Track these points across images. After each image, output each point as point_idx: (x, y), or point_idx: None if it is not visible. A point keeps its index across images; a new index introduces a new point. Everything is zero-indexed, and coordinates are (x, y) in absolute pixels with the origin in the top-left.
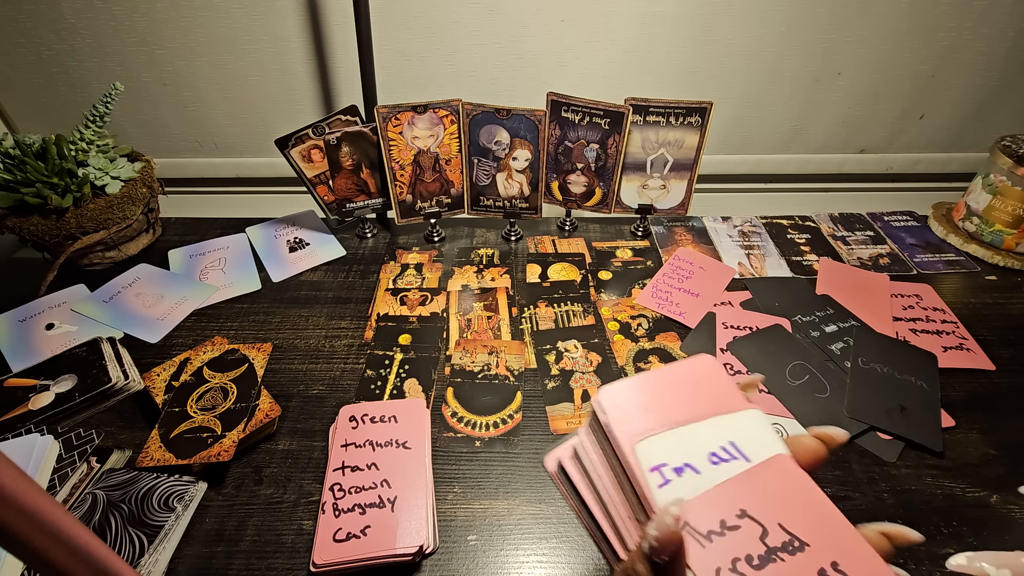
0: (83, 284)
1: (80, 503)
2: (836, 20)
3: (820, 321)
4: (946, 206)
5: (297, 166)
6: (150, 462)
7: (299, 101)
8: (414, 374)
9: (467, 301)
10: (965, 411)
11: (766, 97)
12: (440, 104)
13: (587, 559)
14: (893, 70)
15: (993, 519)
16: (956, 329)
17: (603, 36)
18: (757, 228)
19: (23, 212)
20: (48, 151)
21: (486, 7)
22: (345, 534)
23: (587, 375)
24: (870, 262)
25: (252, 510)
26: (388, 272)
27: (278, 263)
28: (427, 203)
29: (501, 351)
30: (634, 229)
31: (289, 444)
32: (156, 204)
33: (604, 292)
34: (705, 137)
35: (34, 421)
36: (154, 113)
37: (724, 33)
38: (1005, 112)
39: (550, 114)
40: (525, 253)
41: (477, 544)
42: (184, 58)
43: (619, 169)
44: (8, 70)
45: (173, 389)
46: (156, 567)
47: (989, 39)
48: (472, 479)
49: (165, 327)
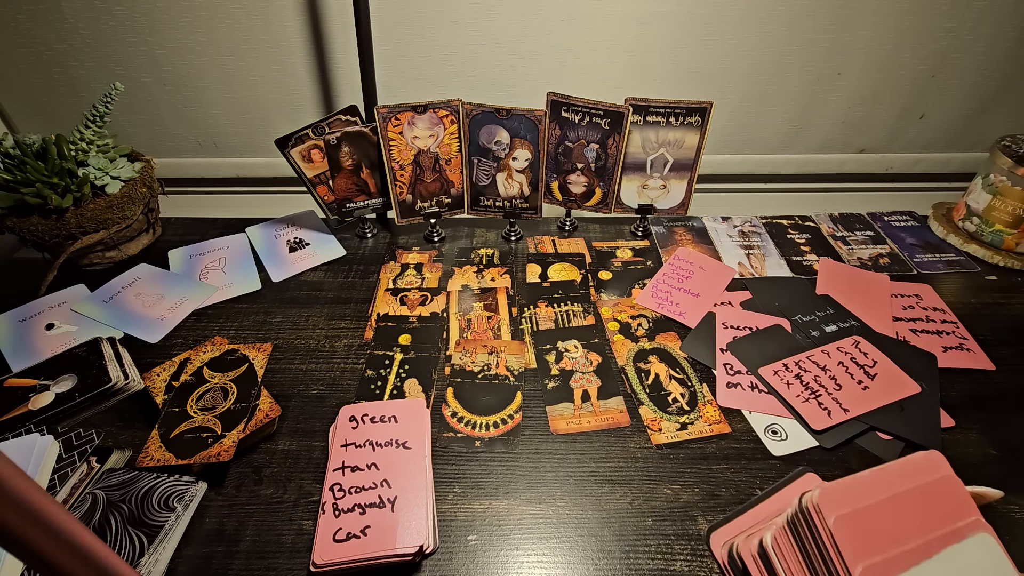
0: (83, 284)
1: (80, 503)
2: (836, 20)
3: (820, 321)
4: (946, 206)
5: (297, 166)
6: (150, 462)
7: (299, 101)
8: (414, 374)
9: (467, 301)
10: (965, 411)
11: (766, 97)
12: (440, 104)
13: (587, 559)
14: (893, 70)
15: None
16: (956, 329)
17: (603, 36)
18: (757, 228)
19: (23, 212)
20: (48, 151)
21: (486, 7)
22: (345, 534)
23: (587, 375)
24: (870, 262)
25: (252, 510)
26: (388, 272)
27: (278, 263)
28: (427, 203)
29: (501, 351)
30: (634, 229)
31: (289, 444)
32: (156, 204)
33: (604, 292)
34: (705, 137)
35: (34, 421)
36: (154, 113)
37: (724, 33)
38: (1005, 112)
39: (550, 114)
40: (525, 253)
41: (477, 544)
42: (184, 58)
43: (619, 169)
44: (8, 70)
45: (173, 389)
46: (156, 567)
47: (989, 39)
48: (472, 479)
49: (165, 327)
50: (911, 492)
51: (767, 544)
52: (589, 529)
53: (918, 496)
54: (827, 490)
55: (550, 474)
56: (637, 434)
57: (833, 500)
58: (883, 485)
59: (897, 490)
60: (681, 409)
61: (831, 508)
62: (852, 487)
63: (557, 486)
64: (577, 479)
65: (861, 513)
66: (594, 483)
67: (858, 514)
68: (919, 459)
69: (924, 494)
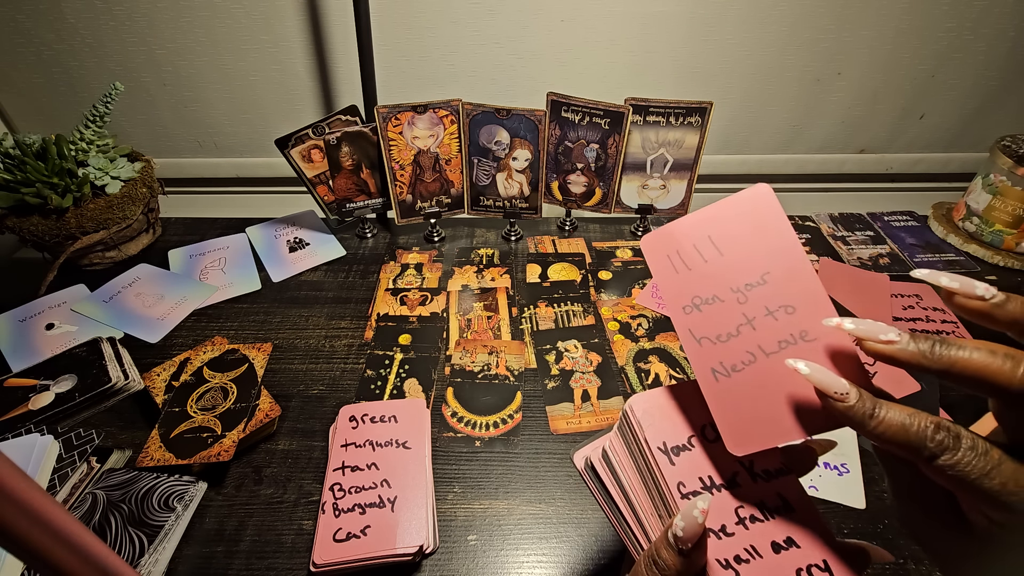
0: (83, 284)
1: (80, 503)
2: (836, 20)
3: None
4: (946, 206)
5: (297, 166)
6: (150, 462)
7: (299, 101)
8: (414, 374)
9: (467, 301)
10: (965, 411)
11: (766, 97)
12: (440, 104)
13: (587, 559)
14: (893, 70)
15: None
16: (956, 329)
17: (603, 36)
18: None
19: (23, 212)
20: (48, 151)
21: (486, 7)
22: (345, 534)
23: (587, 375)
24: (870, 262)
25: (252, 510)
26: (388, 272)
27: (278, 263)
28: (427, 203)
29: (501, 351)
30: (634, 229)
31: (289, 444)
32: (156, 204)
33: (604, 292)
34: (705, 137)
35: (34, 421)
36: (154, 113)
37: (724, 33)
38: (1005, 112)
39: (550, 114)
40: (525, 253)
41: (477, 544)
42: (184, 58)
43: (619, 169)
44: (8, 70)
45: (173, 389)
46: (156, 567)
47: (989, 39)
48: (472, 479)
49: (165, 327)
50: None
51: (606, 447)
52: (589, 529)
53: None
54: (641, 394)
55: (550, 474)
56: None
57: (642, 399)
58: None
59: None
60: None
61: (639, 404)
62: (658, 392)
63: (557, 486)
64: (577, 479)
65: (665, 399)
66: None
67: (667, 406)
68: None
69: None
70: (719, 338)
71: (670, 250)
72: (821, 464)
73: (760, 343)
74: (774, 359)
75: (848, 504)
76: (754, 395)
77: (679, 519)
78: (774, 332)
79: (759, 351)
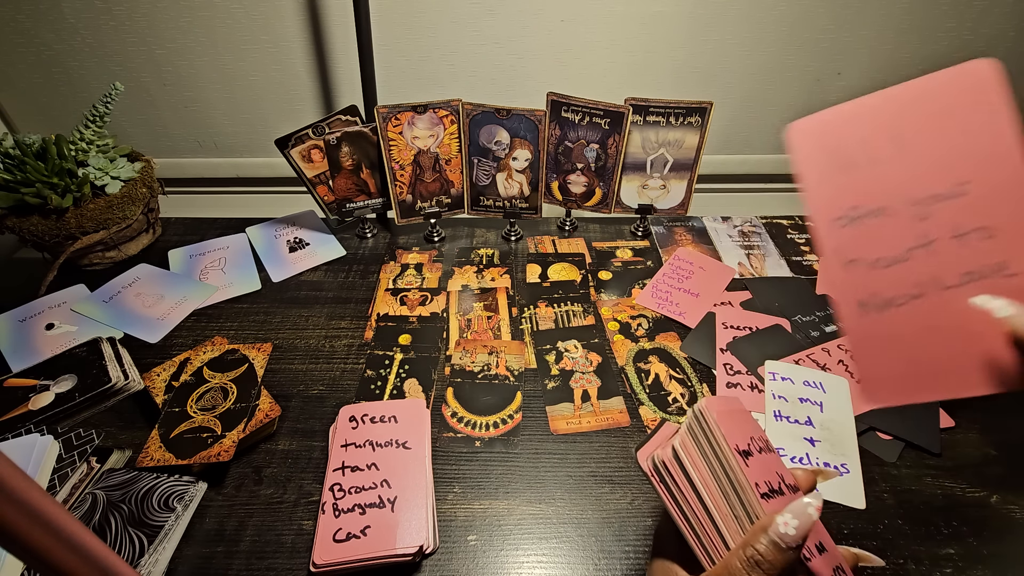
0: (83, 284)
1: (80, 503)
2: (836, 20)
3: (820, 321)
4: None
5: (297, 166)
6: (150, 462)
7: (299, 101)
8: (414, 374)
9: (467, 301)
10: (965, 411)
11: (766, 97)
12: (440, 104)
13: (587, 559)
14: (893, 70)
15: (993, 519)
16: None
17: (603, 36)
18: (757, 228)
19: (23, 212)
20: (48, 151)
21: (486, 7)
22: (345, 534)
23: (587, 375)
24: None
25: (252, 510)
26: (388, 272)
27: (278, 263)
28: (427, 203)
29: (501, 351)
30: (634, 229)
31: (289, 444)
32: (156, 204)
33: (604, 292)
34: (705, 137)
35: (34, 421)
36: (154, 113)
37: (724, 33)
38: None
39: (550, 114)
40: (525, 253)
41: (477, 544)
42: (184, 58)
43: (619, 169)
44: (8, 70)
45: (173, 389)
46: (156, 567)
47: (989, 39)
48: (472, 479)
49: (165, 327)
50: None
51: (677, 447)
52: (589, 529)
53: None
54: (711, 398)
55: (550, 474)
56: (637, 434)
57: (715, 403)
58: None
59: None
60: (681, 409)
61: (713, 407)
62: (730, 400)
63: (557, 486)
64: (577, 479)
65: (737, 412)
66: (594, 483)
67: (734, 412)
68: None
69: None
70: (878, 262)
71: (828, 143)
72: (821, 464)
73: (937, 272)
74: (952, 294)
75: (848, 504)
76: (913, 337)
77: (790, 518)
78: (959, 260)
79: (933, 282)
